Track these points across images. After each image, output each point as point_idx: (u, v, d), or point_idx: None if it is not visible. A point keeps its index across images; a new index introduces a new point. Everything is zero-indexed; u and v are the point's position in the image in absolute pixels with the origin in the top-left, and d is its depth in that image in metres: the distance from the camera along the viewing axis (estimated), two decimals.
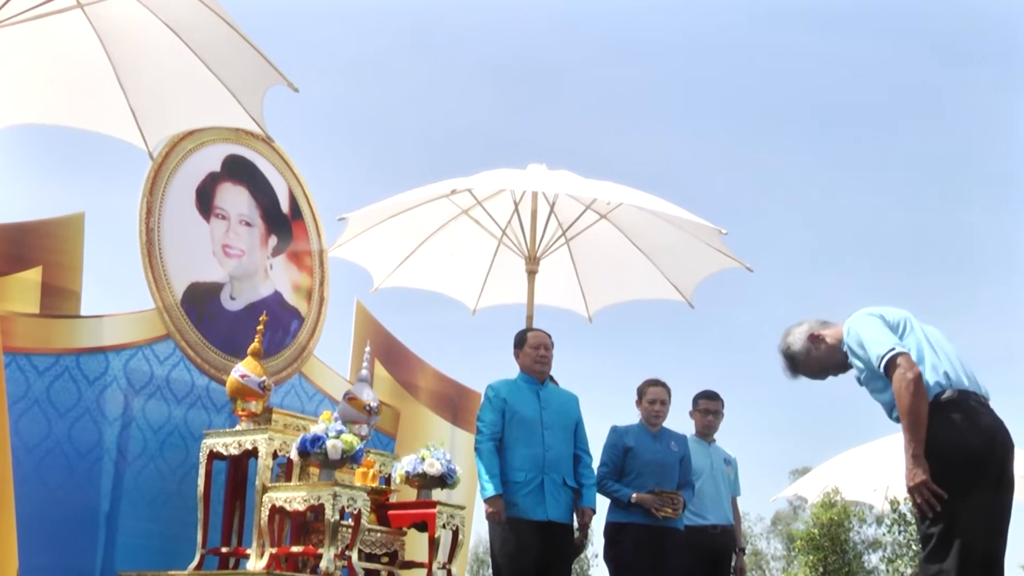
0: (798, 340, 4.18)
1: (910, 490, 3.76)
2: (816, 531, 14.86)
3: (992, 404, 3.95)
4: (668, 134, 61.89)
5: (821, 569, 14.72)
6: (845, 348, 4.04)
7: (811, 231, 59.10)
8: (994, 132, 55.07)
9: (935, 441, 3.74)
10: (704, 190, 52.87)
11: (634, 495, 6.29)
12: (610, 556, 6.50)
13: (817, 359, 4.17)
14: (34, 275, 5.84)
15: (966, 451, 3.75)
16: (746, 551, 7.59)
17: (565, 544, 5.94)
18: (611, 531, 6.45)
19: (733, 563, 7.08)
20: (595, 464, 6.26)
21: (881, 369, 3.86)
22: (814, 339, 4.15)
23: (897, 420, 3.89)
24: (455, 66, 64.62)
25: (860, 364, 3.99)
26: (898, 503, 12.02)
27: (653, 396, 6.54)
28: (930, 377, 3.85)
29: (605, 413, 7.61)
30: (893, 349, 3.84)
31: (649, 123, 62.45)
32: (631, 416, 6.69)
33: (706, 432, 7.06)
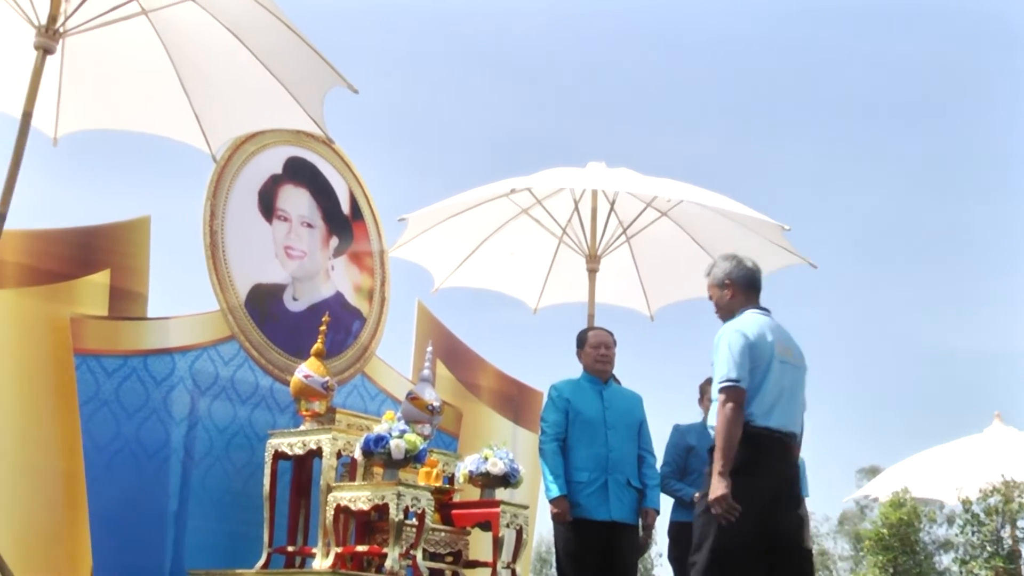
0: (722, 270, 4.81)
1: (711, 503, 4.38)
2: (885, 531, 14.59)
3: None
4: (728, 131, 61.37)
5: (891, 570, 14.46)
6: (717, 335, 4.64)
7: (875, 227, 58.21)
8: None
9: (753, 469, 4.42)
10: (766, 186, 52.34)
11: (697, 494, 6.22)
12: (673, 556, 6.44)
13: (716, 294, 4.84)
14: (102, 278, 5.93)
15: (772, 483, 4.50)
16: (813, 551, 7.45)
17: (629, 544, 5.89)
18: (674, 531, 6.39)
19: None
20: (659, 464, 6.21)
21: (717, 388, 4.50)
22: (727, 285, 4.79)
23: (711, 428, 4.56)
24: (514, 66, 64.65)
25: (712, 360, 4.61)
26: (970, 503, 11.77)
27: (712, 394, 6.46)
28: (756, 410, 4.50)
29: (668, 412, 7.55)
30: (735, 381, 4.46)
31: (709, 120, 61.98)
32: (695, 415, 6.64)
33: None
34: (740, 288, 4.77)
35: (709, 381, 6.53)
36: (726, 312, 4.78)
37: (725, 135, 60.90)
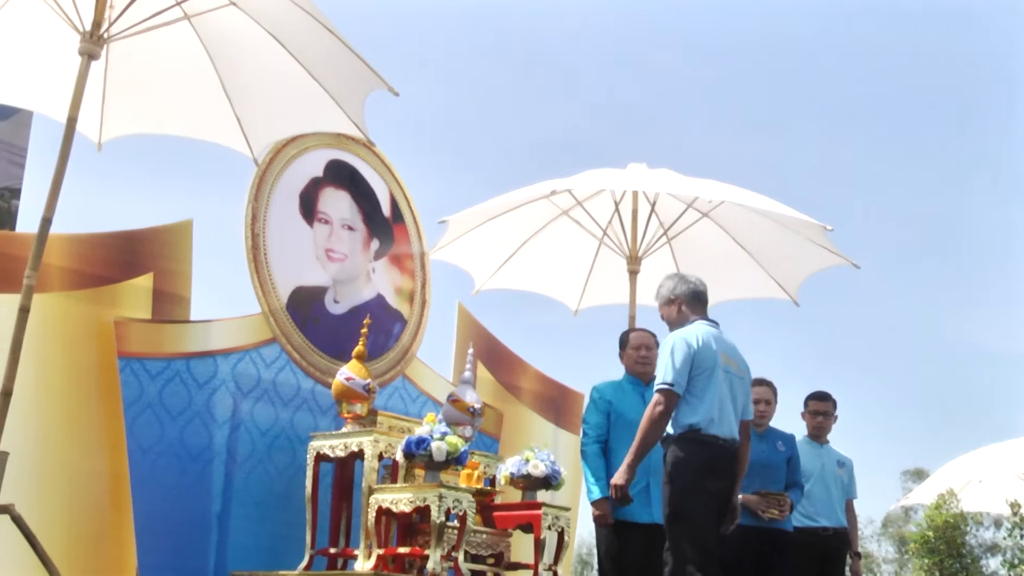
0: (668, 287, 5.23)
1: (611, 485, 4.94)
2: (931, 534, 14.40)
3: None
4: (770, 131, 60.99)
5: (937, 573, 14.26)
6: (665, 339, 5.06)
7: (920, 225, 57.63)
8: None
9: (684, 464, 4.88)
10: (807, 186, 51.97)
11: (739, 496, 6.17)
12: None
13: (665, 311, 5.23)
14: (146, 281, 5.98)
15: (723, 486, 4.96)
16: (861, 555, 7.37)
17: None
18: None
19: (848, 566, 6.91)
20: None
21: (655, 388, 4.90)
22: (673, 301, 5.19)
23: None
24: (555, 67, 64.65)
25: (659, 361, 5.02)
26: (1019, 506, 11.60)
27: (757, 396, 6.42)
28: (702, 419, 4.87)
29: None
30: (671, 385, 4.86)
31: (751, 121, 61.63)
32: None
33: (817, 434, 6.90)
34: (686, 302, 5.17)
35: (754, 382, 6.50)
36: (676, 326, 5.15)
37: (767, 135, 60.53)
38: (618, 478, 4.94)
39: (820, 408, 6.91)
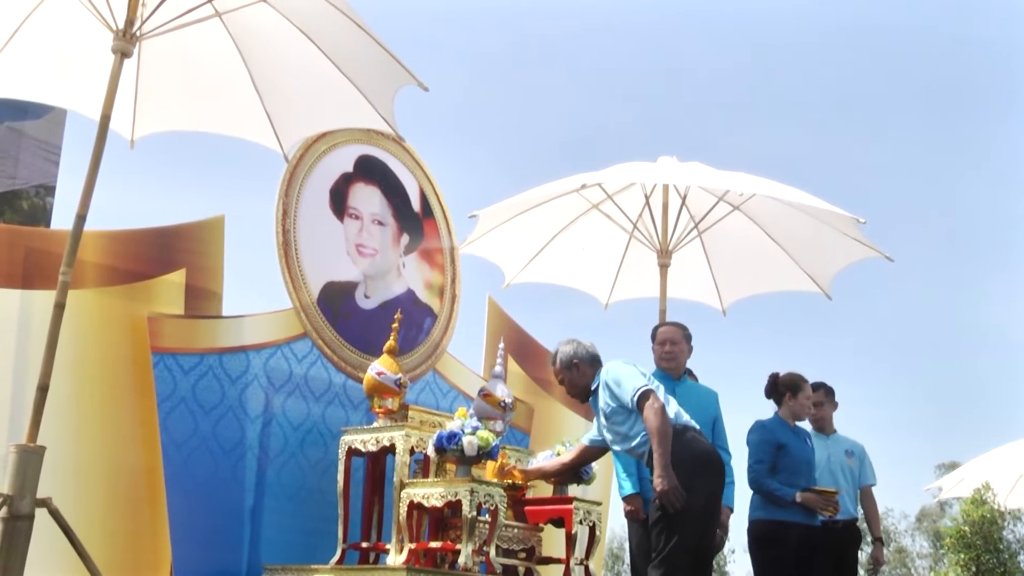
0: (567, 353, 5.34)
1: (664, 492, 4.78)
2: (967, 528, 14.24)
3: None
4: (802, 124, 60.59)
5: (974, 568, 14.11)
6: (601, 384, 5.17)
7: (951, 218, 57.08)
8: None
9: (678, 455, 4.86)
10: (839, 178, 51.57)
11: (798, 494, 6.13)
12: (761, 555, 6.34)
13: (567, 375, 5.33)
14: (178, 277, 6.02)
15: (700, 463, 4.94)
16: (886, 543, 7.31)
17: None
18: (764, 529, 6.28)
19: (871, 552, 6.88)
20: (734, 461, 6.13)
21: (634, 400, 4.99)
22: (575, 366, 5.29)
23: (622, 447, 5.16)
24: (585, 61, 64.52)
25: (608, 399, 5.13)
26: None
27: (813, 397, 6.44)
28: (671, 412, 5.00)
29: (742, 407, 7.48)
30: (646, 386, 5.01)
31: (781, 113, 61.25)
32: (767, 410, 6.55)
33: (820, 425, 6.84)
34: (587, 364, 5.32)
35: (801, 380, 6.45)
36: (580, 387, 5.33)
37: (798, 128, 60.12)
38: (668, 482, 4.78)
39: (815, 399, 6.81)
